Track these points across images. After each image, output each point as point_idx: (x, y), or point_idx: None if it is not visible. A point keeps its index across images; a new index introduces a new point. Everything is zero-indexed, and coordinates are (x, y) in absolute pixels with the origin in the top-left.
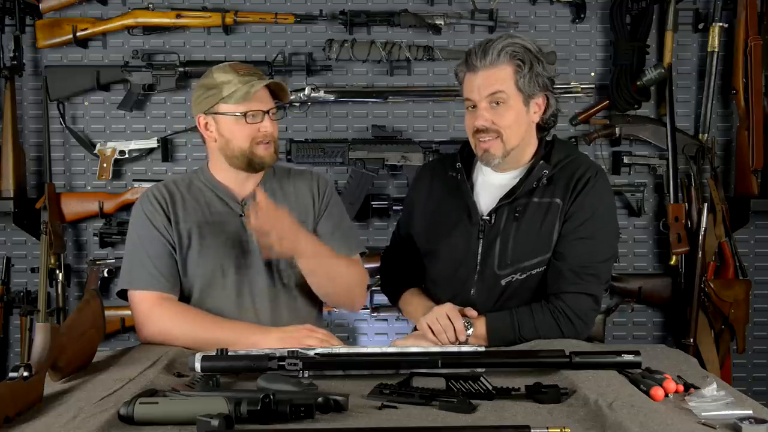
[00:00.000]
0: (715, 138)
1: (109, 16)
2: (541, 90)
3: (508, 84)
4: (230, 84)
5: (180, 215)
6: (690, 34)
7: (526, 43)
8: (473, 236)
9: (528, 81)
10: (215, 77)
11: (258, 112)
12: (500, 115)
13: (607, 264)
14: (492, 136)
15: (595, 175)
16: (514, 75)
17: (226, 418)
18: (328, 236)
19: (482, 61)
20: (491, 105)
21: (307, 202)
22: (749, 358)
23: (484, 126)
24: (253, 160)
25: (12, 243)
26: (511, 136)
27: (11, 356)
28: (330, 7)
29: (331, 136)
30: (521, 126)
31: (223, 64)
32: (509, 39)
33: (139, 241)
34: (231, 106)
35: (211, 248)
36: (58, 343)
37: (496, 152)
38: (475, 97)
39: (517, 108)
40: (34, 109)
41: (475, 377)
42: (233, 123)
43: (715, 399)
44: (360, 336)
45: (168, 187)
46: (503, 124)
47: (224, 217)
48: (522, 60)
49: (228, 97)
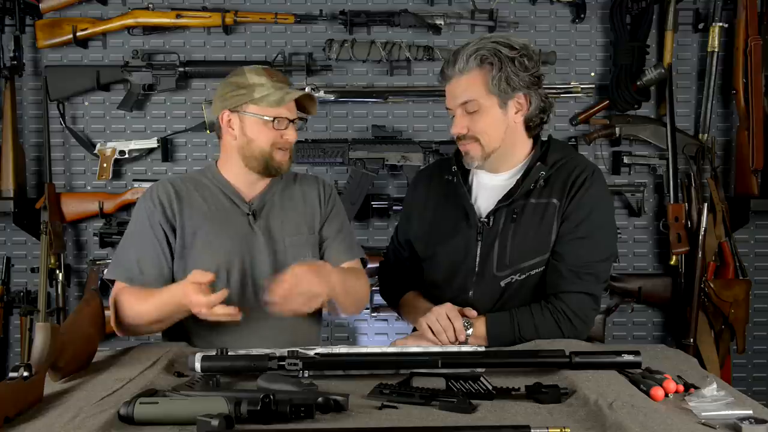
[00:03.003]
0: (715, 138)
1: (109, 16)
2: (519, 89)
3: (478, 90)
4: (263, 87)
5: (185, 212)
6: (690, 34)
7: (498, 45)
8: (472, 239)
9: (501, 83)
10: (248, 77)
11: (284, 120)
12: (474, 122)
13: (606, 263)
14: (470, 140)
15: (591, 175)
16: (484, 79)
17: (226, 418)
18: (332, 240)
19: (451, 69)
20: (465, 112)
21: (314, 204)
22: (749, 358)
23: (461, 133)
24: (271, 164)
25: (12, 243)
26: (489, 140)
27: (11, 356)
28: (330, 7)
29: (331, 136)
30: (499, 129)
31: (255, 66)
32: (479, 43)
33: (130, 233)
34: (261, 109)
35: (217, 246)
36: (58, 343)
37: (476, 155)
38: (451, 105)
39: (492, 112)
40: (34, 109)
41: (475, 377)
42: (259, 125)
43: (715, 399)
44: (360, 336)
45: (174, 185)
46: (478, 130)
47: (231, 216)
48: (491, 63)
49: (259, 99)
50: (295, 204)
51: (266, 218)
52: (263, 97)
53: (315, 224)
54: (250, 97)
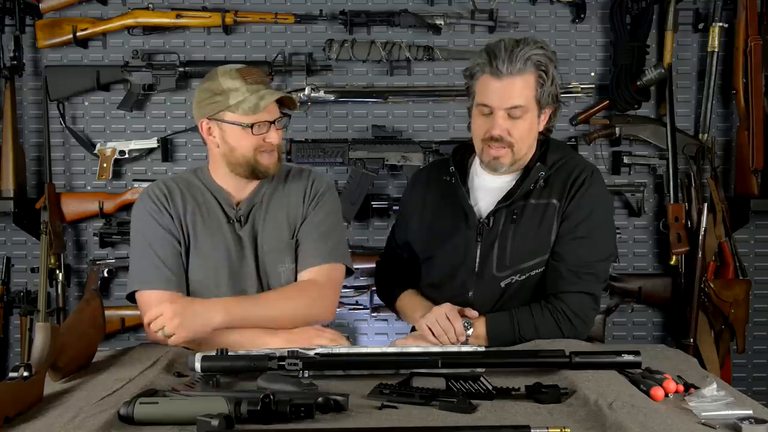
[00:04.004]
0: (715, 138)
1: (109, 16)
2: (553, 103)
3: (528, 95)
4: (238, 92)
5: (180, 212)
6: (690, 34)
7: (548, 52)
8: (471, 239)
9: (546, 93)
10: (221, 83)
11: (265, 123)
12: (516, 127)
13: (605, 263)
14: (504, 145)
15: (591, 175)
16: (535, 86)
17: (226, 418)
18: (303, 240)
19: (509, 67)
20: (509, 116)
21: (298, 204)
22: (749, 358)
23: (500, 136)
24: (257, 168)
25: (12, 243)
26: (521, 147)
27: (11, 356)
28: (330, 7)
29: (331, 136)
30: (532, 137)
31: (229, 68)
32: (535, 46)
33: (146, 241)
34: (237, 116)
35: (205, 254)
36: (58, 343)
37: (506, 161)
38: (495, 104)
39: (531, 119)
40: (34, 109)
41: (475, 377)
42: (238, 132)
43: (715, 399)
44: (360, 336)
45: (167, 185)
46: (517, 136)
47: (220, 222)
48: (545, 71)
49: (235, 106)
50: (282, 205)
51: (252, 223)
52: (238, 103)
53: (297, 225)
54: (225, 104)
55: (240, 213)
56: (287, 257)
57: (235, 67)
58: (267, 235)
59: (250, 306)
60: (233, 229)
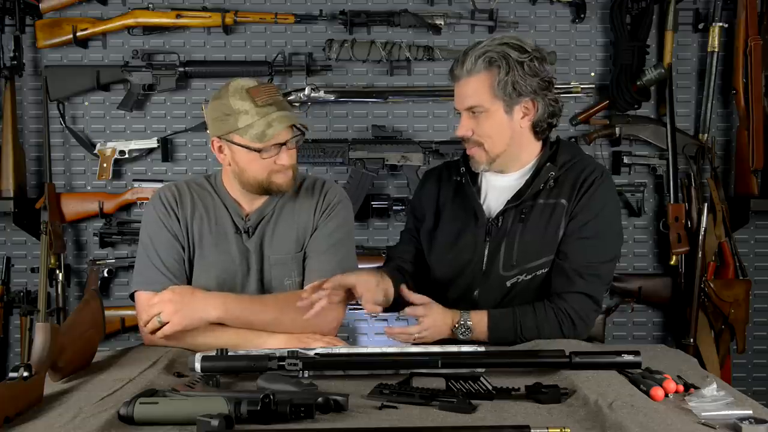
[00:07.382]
0: (715, 138)
1: (109, 16)
2: (526, 95)
3: (484, 93)
4: (247, 115)
5: (188, 217)
6: (690, 34)
7: (508, 48)
8: (480, 239)
9: (507, 87)
10: (231, 103)
11: (275, 146)
12: (479, 125)
13: (610, 265)
14: (474, 144)
15: (600, 177)
16: (490, 83)
17: (226, 418)
18: (311, 255)
19: (460, 69)
20: (471, 114)
21: (308, 218)
22: (749, 358)
23: (465, 135)
24: (270, 188)
25: (12, 243)
26: (492, 144)
27: (11, 356)
28: (330, 7)
29: (331, 136)
30: (503, 133)
31: (240, 86)
32: (489, 44)
33: (150, 242)
34: (246, 140)
35: (209, 262)
36: (58, 343)
37: (480, 159)
38: (456, 106)
39: (496, 117)
40: (34, 109)
41: (475, 377)
42: (249, 155)
43: (715, 399)
44: (360, 336)
45: (179, 188)
46: (482, 134)
47: (228, 231)
48: (499, 66)
49: (243, 130)
50: (292, 218)
51: (260, 235)
52: (247, 127)
53: (306, 238)
54: (234, 126)
55: (248, 224)
56: (294, 270)
57: (246, 85)
58: (274, 248)
59: (249, 306)
60: (240, 240)
